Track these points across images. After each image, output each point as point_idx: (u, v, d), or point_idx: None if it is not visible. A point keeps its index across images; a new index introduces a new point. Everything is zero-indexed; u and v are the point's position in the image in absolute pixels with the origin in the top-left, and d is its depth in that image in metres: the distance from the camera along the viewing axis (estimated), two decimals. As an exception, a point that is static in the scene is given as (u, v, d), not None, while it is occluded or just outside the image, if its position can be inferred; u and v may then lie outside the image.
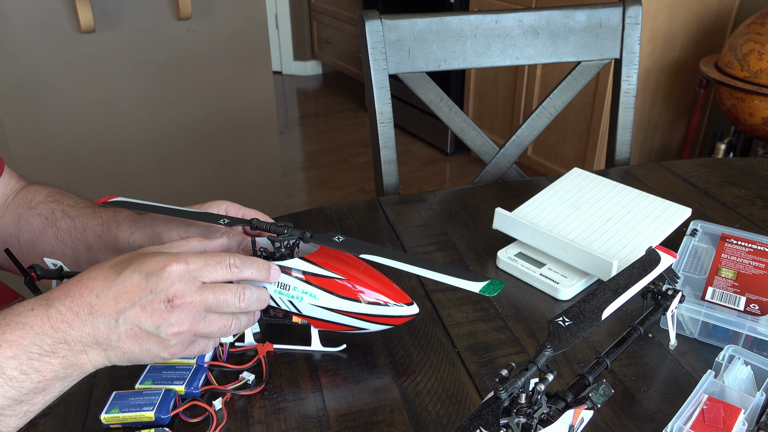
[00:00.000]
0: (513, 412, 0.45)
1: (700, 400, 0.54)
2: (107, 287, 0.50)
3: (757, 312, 0.65)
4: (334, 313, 0.60)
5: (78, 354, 0.50)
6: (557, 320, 0.50)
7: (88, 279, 0.51)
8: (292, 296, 0.60)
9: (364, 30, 1.01)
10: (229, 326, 0.55)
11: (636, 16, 1.09)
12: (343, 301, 0.60)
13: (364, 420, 0.57)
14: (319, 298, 0.60)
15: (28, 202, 0.76)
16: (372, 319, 0.61)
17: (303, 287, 0.59)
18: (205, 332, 0.53)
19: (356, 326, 0.62)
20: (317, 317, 0.61)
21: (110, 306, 0.50)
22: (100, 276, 0.51)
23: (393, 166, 1.07)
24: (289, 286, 0.60)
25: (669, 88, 2.34)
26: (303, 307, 0.61)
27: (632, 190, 0.86)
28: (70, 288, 0.51)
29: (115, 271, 0.51)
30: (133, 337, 0.51)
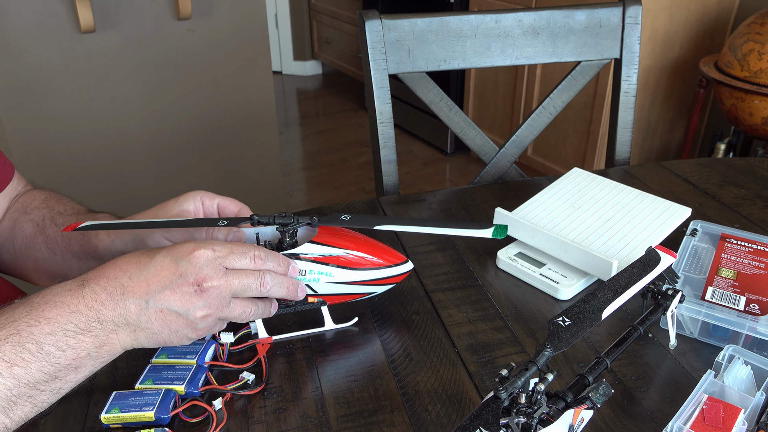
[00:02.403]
0: (513, 412, 0.45)
1: (700, 400, 0.54)
2: (140, 270, 0.53)
3: (757, 312, 0.65)
4: (348, 285, 0.64)
5: (109, 333, 0.52)
6: (557, 320, 0.50)
7: (123, 262, 0.54)
8: (309, 279, 0.63)
9: (364, 30, 1.01)
10: (249, 311, 0.58)
11: (636, 16, 1.09)
12: (354, 272, 0.64)
13: (364, 420, 0.57)
14: (334, 275, 0.63)
15: (25, 207, 0.76)
16: (379, 282, 0.66)
17: (318, 269, 0.63)
18: (228, 316, 0.56)
19: (366, 292, 0.66)
20: (333, 293, 0.65)
21: (142, 288, 0.52)
22: (134, 259, 0.54)
23: (393, 166, 1.07)
24: (305, 270, 0.62)
25: (669, 88, 2.34)
26: (320, 287, 0.64)
27: (632, 190, 0.86)
28: (105, 269, 0.53)
29: (148, 255, 0.54)
30: (162, 319, 0.53)
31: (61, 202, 0.76)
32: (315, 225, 0.63)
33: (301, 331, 0.68)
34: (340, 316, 0.69)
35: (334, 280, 0.64)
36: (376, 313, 0.71)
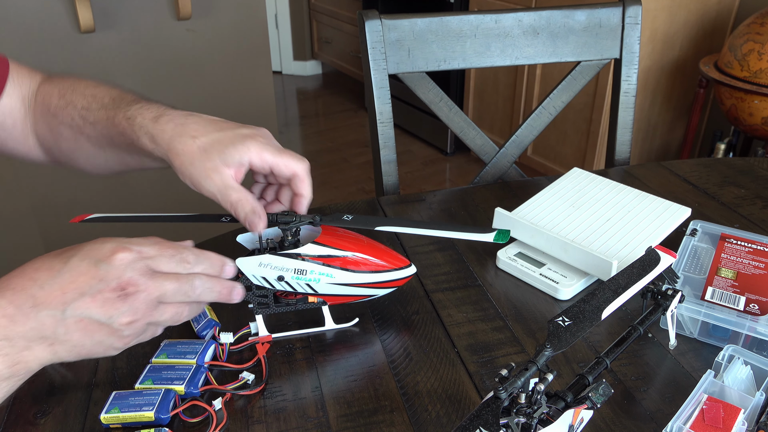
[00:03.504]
0: (513, 412, 0.45)
1: (699, 400, 0.54)
2: (52, 277, 0.47)
3: (757, 312, 0.65)
4: (349, 287, 0.64)
5: (21, 351, 0.47)
6: (557, 320, 0.50)
7: (32, 270, 0.48)
8: (309, 279, 0.63)
9: (363, 30, 1.01)
10: (181, 314, 0.53)
11: (636, 16, 1.09)
12: (355, 274, 0.64)
13: (364, 420, 0.57)
14: (335, 276, 0.63)
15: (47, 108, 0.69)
16: (380, 285, 0.66)
17: (320, 269, 0.63)
18: (158, 320, 0.52)
19: (367, 294, 0.66)
20: (333, 294, 0.65)
21: (56, 297, 0.47)
22: (44, 266, 0.48)
23: (393, 166, 1.07)
24: (306, 270, 0.62)
25: (669, 88, 2.34)
26: (320, 288, 0.64)
27: (632, 190, 0.86)
28: (11, 279, 0.47)
29: (61, 259, 0.48)
30: (83, 330, 0.48)
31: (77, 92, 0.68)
32: (317, 224, 0.63)
33: (301, 330, 0.68)
34: (341, 316, 0.69)
35: (335, 281, 0.64)
36: (376, 313, 0.71)
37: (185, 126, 0.59)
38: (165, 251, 0.52)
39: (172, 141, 0.59)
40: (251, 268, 0.62)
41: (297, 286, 0.63)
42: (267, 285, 0.63)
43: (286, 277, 0.62)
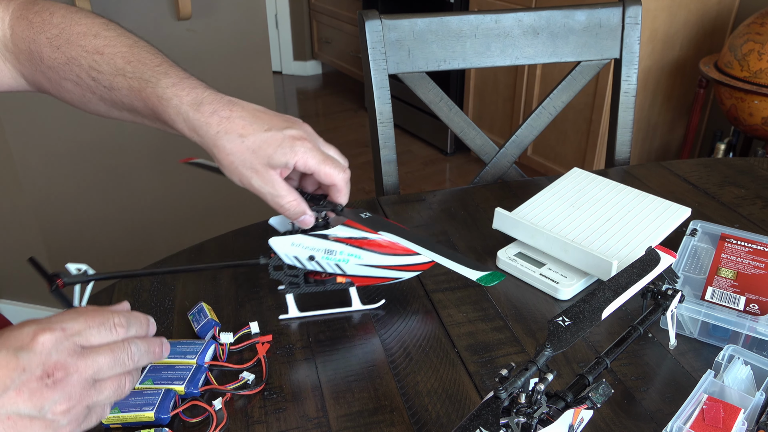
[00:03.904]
0: (513, 412, 0.45)
1: (699, 400, 0.54)
2: None
3: (757, 312, 0.65)
4: (376, 268, 0.66)
5: None
6: (557, 320, 0.50)
7: None
8: (339, 260, 0.65)
9: (364, 30, 1.01)
10: (123, 386, 0.46)
11: (636, 16, 1.09)
12: (383, 256, 0.66)
13: (364, 420, 0.57)
14: (363, 258, 0.65)
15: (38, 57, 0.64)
16: (406, 268, 0.67)
17: (348, 250, 0.65)
18: (98, 400, 0.45)
19: (393, 277, 0.68)
20: (361, 275, 0.67)
21: None
22: None
23: (393, 166, 1.07)
24: (335, 251, 0.65)
25: (669, 88, 2.34)
26: (349, 268, 0.66)
27: (632, 190, 0.86)
28: None
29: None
30: (13, 428, 0.41)
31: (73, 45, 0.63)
32: (339, 213, 0.65)
33: (329, 310, 0.70)
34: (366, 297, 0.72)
35: (362, 263, 0.66)
36: (376, 313, 0.71)
37: (231, 121, 0.59)
38: (92, 321, 0.46)
39: (219, 138, 0.59)
40: (284, 247, 0.65)
41: (327, 266, 0.65)
42: (298, 264, 0.65)
43: (317, 257, 0.65)
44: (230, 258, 0.81)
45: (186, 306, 0.72)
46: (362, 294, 0.72)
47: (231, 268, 0.78)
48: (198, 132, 0.59)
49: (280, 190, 0.61)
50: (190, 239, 0.80)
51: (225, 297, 0.74)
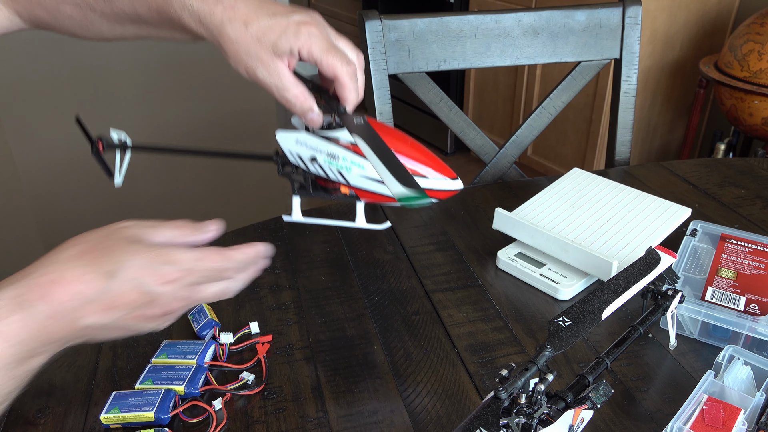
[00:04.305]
0: (513, 413, 0.45)
1: (699, 400, 0.54)
2: (98, 293, 0.46)
3: (757, 312, 0.65)
4: (381, 184, 0.59)
5: (65, 345, 0.47)
6: (557, 320, 0.50)
7: (72, 279, 0.45)
8: (341, 166, 0.59)
9: (364, 30, 1.01)
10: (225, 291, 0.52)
11: (636, 16, 1.09)
12: None
13: (364, 420, 0.57)
14: (366, 169, 0.59)
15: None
16: None
17: (352, 158, 0.59)
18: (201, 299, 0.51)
19: None
20: (364, 188, 0.60)
21: (102, 314, 0.46)
22: (85, 277, 0.46)
23: (393, 166, 1.07)
24: (338, 156, 0.59)
25: (669, 88, 2.34)
26: (351, 178, 0.60)
27: (632, 190, 0.86)
28: (49, 289, 0.45)
29: (106, 274, 0.46)
30: (124, 329, 0.48)
31: None
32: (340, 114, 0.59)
33: (331, 220, 0.65)
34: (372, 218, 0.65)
35: (366, 174, 0.59)
36: (376, 313, 0.71)
37: (236, 9, 0.57)
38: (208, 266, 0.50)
39: (223, 26, 0.57)
40: (288, 143, 0.61)
41: (329, 171, 0.60)
42: (301, 164, 0.61)
43: (319, 159, 0.60)
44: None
45: (186, 306, 0.72)
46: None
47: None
48: (203, 22, 0.57)
49: (286, 83, 0.56)
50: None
51: (225, 297, 0.74)
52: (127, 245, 0.48)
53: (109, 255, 0.47)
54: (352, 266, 0.79)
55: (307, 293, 0.74)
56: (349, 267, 0.79)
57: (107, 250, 0.47)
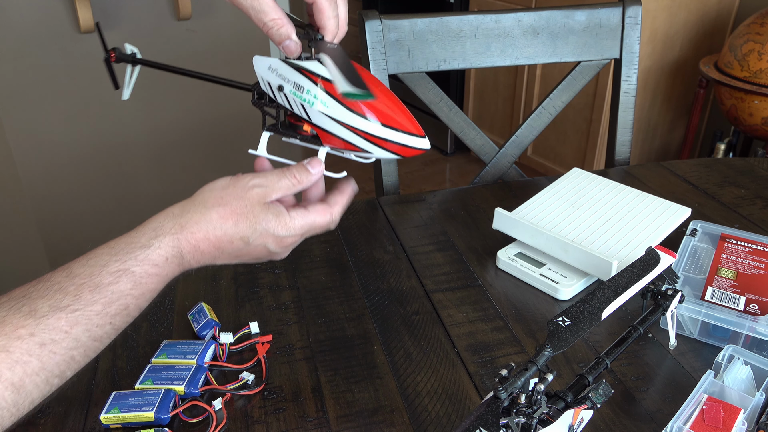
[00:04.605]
0: (513, 412, 0.45)
1: (699, 400, 0.54)
2: (235, 250, 0.56)
3: (757, 312, 0.65)
4: (342, 127, 0.56)
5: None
6: (557, 320, 0.50)
7: (216, 240, 0.55)
8: (305, 99, 0.57)
9: (363, 30, 1.01)
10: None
11: (636, 16, 1.09)
12: (351, 114, 0.55)
13: (364, 420, 0.57)
14: (329, 107, 0.56)
15: None
16: (378, 141, 0.56)
17: (316, 91, 0.56)
18: None
19: (361, 147, 0.57)
20: (325, 128, 0.57)
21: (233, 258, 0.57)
22: (226, 239, 0.55)
23: (393, 166, 1.07)
24: (304, 87, 0.57)
25: (669, 88, 2.34)
26: (313, 114, 0.57)
27: (632, 190, 0.86)
28: (200, 245, 0.55)
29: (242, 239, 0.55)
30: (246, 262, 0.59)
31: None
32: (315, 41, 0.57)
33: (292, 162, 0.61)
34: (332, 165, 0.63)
35: (328, 113, 0.56)
36: (376, 313, 0.71)
37: None
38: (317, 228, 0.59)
39: None
40: (262, 69, 0.60)
41: (293, 104, 0.58)
42: (269, 92, 0.59)
43: (286, 89, 0.58)
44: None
45: (186, 306, 0.72)
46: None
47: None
48: None
49: (264, 6, 0.55)
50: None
51: (225, 297, 0.74)
52: (258, 211, 0.56)
53: (245, 220, 0.55)
54: (352, 266, 0.79)
55: (307, 293, 0.74)
56: (349, 267, 0.79)
57: (244, 216, 0.55)
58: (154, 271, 0.52)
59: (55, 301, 0.48)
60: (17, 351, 0.46)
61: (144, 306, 0.53)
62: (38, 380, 0.47)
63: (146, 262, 0.52)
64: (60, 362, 0.48)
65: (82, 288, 0.49)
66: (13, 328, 0.46)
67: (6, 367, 0.45)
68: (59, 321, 0.47)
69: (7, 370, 0.45)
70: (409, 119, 0.58)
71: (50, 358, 0.47)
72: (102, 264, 0.51)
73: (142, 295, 0.52)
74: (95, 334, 0.50)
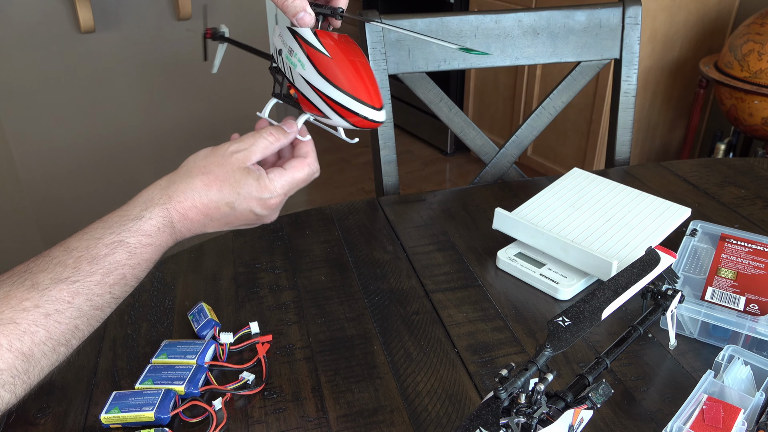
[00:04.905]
0: (513, 412, 0.45)
1: (699, 400, 0.54)
2: (222, 216, 0.59)
3: (757, 312, 0.65)
4: (312, 90, 0.58)
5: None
6: (557, 320, 0.50)
7: (203, 207, 0.58)
8: (292, 62, 0.59)
9: (364, 30, 1.01)
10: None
11: (636, 16, 1.09)
12: (319, 78, 0.57)
13: (364, 420, 0.57)
14: (306, 69, 0.58)
15: None
16: (336, 107, 0.58)
17: (300, 56, 0.59)
18: None
19: (323, 111, 0.59)
20: (302, 92, 0.60)
21: (220, 226, 0.60)
22: (212, 205, 0.58)
23: (393, 166, 1.07)
24: (295, 52, 0.59)
25: (669, 88, 2.34)
26: (295, 77, 0.60)
27: (632, 190, 0.86)
28: (188, 213, 0.57)
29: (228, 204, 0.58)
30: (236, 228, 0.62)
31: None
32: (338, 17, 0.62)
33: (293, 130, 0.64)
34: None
35: (304, 75, 0.58)
36: (376, 313, 0.71)
37: None
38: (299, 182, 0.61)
39: None
40: (275, 35, 0.63)
41: (285, 67, 0.61)
42: (276, 58, 0.63)
43: (284, 52, 0.61)
44: (230, 258, 0.81)
45: (186, 306, 0.72)
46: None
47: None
48: None
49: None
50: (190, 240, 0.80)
51: (225, 297, 0.74)
52: (239, 176, 0.58)
53: (228, 186, 0.58)
54: (352, 266, 0.79)
55: (307, 293, 0.74)
56: (349, 267, 0.79)
57: (226, 182, 0.58)
58: (147, 241, 0.55)
59: (55, 274, 0.51)
60: (24, 322, 0.48)
61: (141, 276, 0.56)
62: (46, 349, 0.49)
63: (139, 233, 0.55)
64: (65, 331, 0.50)
65: (80, 261, 0.52)
66: (18, 301, 0.49)
67: (15, 338, 0.48)
68: (61, 292, 0.50)
69: (17, 341, 0.48)
70: (369, 90, 0.58)
71: (56, 328, 0.50)
72: (97, 237, 0.54)
73: (138, 265, 0.55)
74: (96, 303, 0.52)
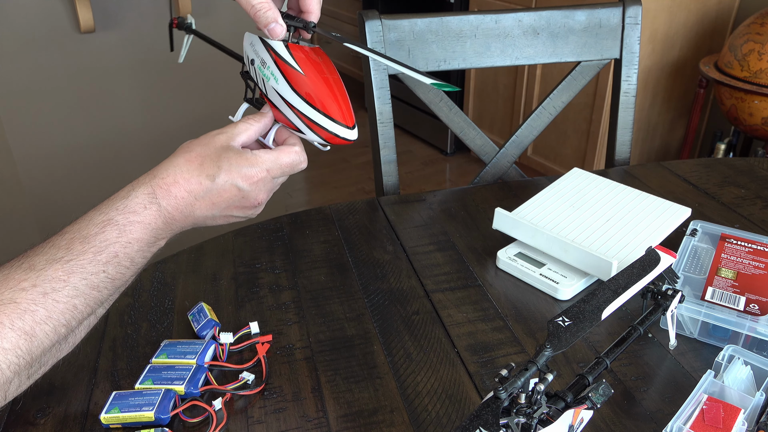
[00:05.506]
0: (513, 412, 0.45)
1: (699, 400, 0.54)
2: (204, 192, 0.58)
3: (757, 312, 0.65)
4: (285, 105, 0.60)
5: (181, 230, 0.60)
6: (557, 320, 0.50)
7: (185, 182, 0.58)
8: (265, 74, 0.61)
9: (363, 30, 1.01)
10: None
11: (636, 16, 1.09)
12: (293, 94, 0.59)
13: (364, 420, 0.57)
14: (279, 84, 0.60)
15: None
16: (309, 123, 0.59)
17: (273, 69, 0.60)
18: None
19: (296, 125, 0.61)
20: (275, 104, 0.61)
21: (208, 205, 0.59)
22: (194, 180, 0.58)
23: (393, 166, 1.07)
24: (267, 64, 0.60)
25: (669, 88, 2.34)
26: (268, 89, 0.61)
27: (632, 190, 0.86)
28: (171, 188, 0.58)
29: (208, 176, 0.58)
30: (227, 218, 0.62)
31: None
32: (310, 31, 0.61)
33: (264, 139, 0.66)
34: None
35: (277, 89, 0.59)
36: (376, 313, 0.71)
37: None
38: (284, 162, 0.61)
39: None
40: (247, 43, 0.63)
41: (257, 78, 0.62)
42: (248, 66, 0.63)
43: (256, 62, 0.62)
44: (230, 258, 0.81)
45: (186, 306, 0.72)
46: None
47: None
48: None
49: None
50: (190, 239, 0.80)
51: (225, 297, 0.74)
52: (221, 151, 0.59)
53: (210, 161, 0.58)
54: (352, 266, 0.79)
55: (307, 293, 0.74)
56: (349, 267, 0.79)
57: (208, 157, 0.58)
58: (135, 218, 0.56)
59: (50, 255, 0.53)
60: (24, 301, 0.50)
61: (136, 258, 0.57)
62: (47, 329, 0.51)
63: (126, 211, 0.56)
64: (64, 310, 0.52)
65: (72, 241, 0.55)
66: (16, 282, 0.51)
67: (17, 317, 0.49)
68: (56, 272, 0.52)
69: (18, 319, 0.49)
70: (342, 109, 0.61)
71: (54, 306, 0.51)
72: (88, 219, 0.57)
73: (129, 244, 0.56)
74: (92, 282, 0.54)
